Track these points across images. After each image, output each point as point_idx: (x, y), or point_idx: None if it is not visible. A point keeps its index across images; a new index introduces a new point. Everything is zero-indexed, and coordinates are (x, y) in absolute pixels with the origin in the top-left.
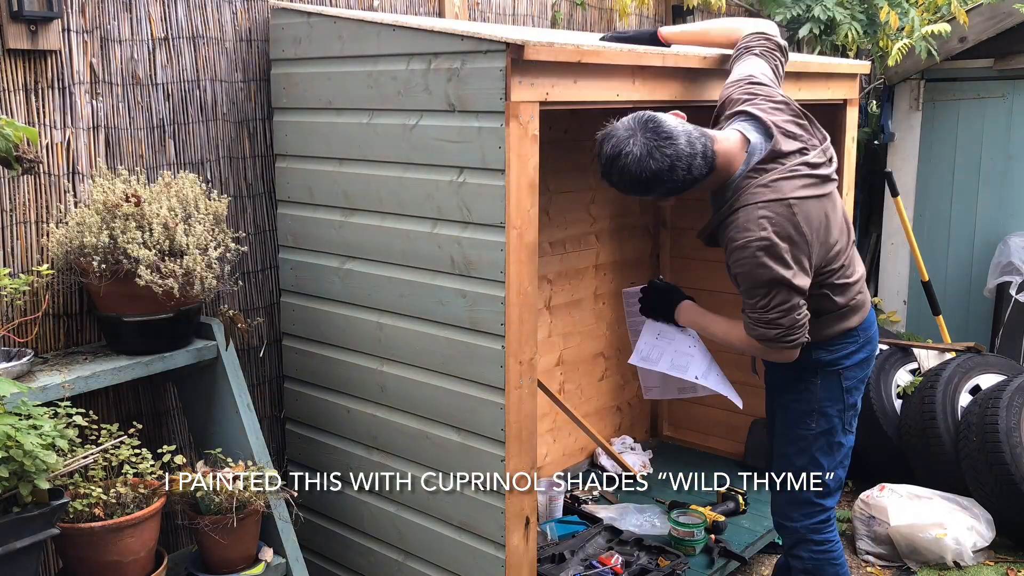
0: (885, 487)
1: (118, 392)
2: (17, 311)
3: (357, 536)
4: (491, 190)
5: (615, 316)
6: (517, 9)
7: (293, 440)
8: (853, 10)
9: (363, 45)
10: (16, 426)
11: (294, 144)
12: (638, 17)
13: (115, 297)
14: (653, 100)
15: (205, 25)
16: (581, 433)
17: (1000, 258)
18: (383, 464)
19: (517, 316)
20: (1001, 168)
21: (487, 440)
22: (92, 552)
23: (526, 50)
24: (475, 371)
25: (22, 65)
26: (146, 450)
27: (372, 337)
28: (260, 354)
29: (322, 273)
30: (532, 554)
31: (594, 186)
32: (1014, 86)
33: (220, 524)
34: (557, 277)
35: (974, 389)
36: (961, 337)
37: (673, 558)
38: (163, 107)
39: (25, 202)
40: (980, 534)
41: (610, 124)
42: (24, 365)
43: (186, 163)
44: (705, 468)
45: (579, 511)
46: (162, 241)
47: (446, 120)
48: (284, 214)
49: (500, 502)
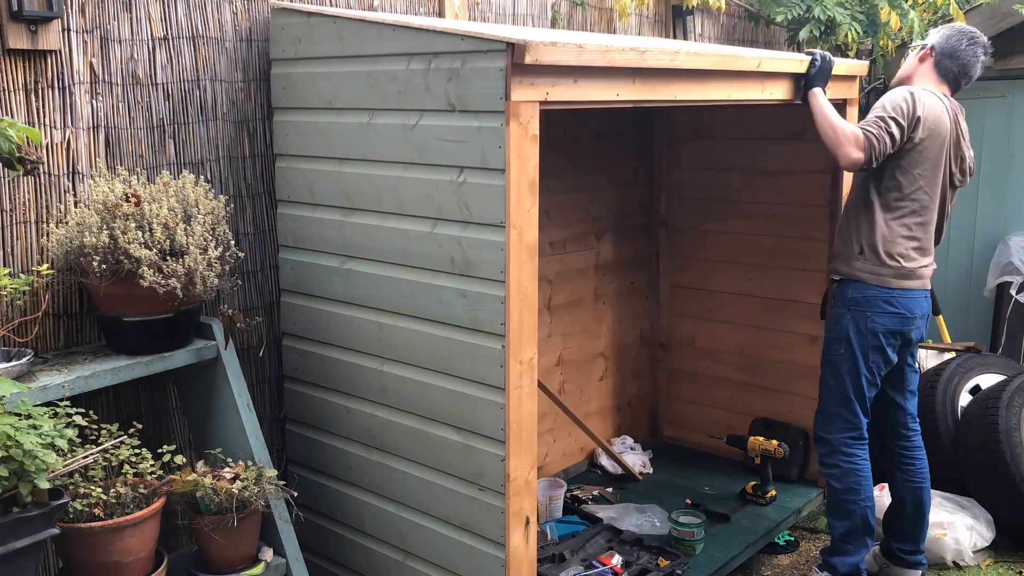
0: (885, 487)
1: (118, 392)
2: (17, 311)
3: (357, 536)
4: (491, 190)
5: (615, 316)
6: (517, 9)
7: (293, 440)
8: (853, 10)
9: (363, 45)
10: (16, 426)
11: (294, 144)
12: (638, 17)
13: (115, 297)
14: (653, 100)
15: (205, 25)
16: (581, 433)
17: (1000, 258)
18: (383, 464)
19: (517, 316)
20: (1001, 168)
21: (487, 440)
22: (92, 552)
23: (526, 50)
24: (475, 371)
25: (22, 65)
26: (146, 450)
27: (372, 337)
28: (260, 354)
29: (322, 273)
30: (532, 554)
31: (594, 186)
32: (1014, 86)
33: (220, 524)
34: (557, 277)
35: (974, 389)
36: (961, 337)
37: (673, 558)
38: (163, 107)
39: (25, 202)
40: (980, 534)
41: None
42: (24, 365)
43: (186, 163)
44: (705, 468)
45: (579, 511)
46: (163, 241)
47: (446, 120)
48: (284, 214)
49: (500, 502)
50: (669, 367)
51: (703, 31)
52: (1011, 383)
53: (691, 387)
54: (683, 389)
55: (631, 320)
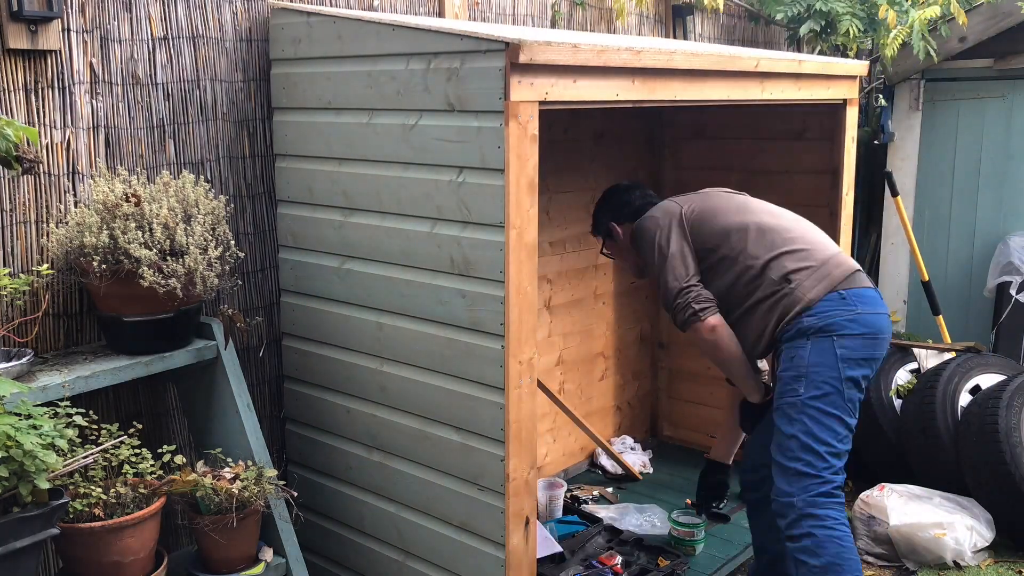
0: (885, 487)
1: (118, 392)
2: (17, 311)
3: (357, 536)
4: (490, 190)
5: (615, 316)
6: (517, 9)
7: (293, 440)
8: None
9: (363, 45)
10: (16, 426)
11: (294, 144)
12: (638, 17)
13: (115, 297)
14: (653, 100)
15: (205, 25)
16: (581, 433)
17: (1000, 258)
18: (383, 464)
19: (517, 316)
20: (1001, 168)
21: (487, 440)
22: (92, 552)
23: (525, 50)
24: (475, 371)
25: (22, 65)
26: (146, 450)
27: (372, 337)
28: (260, 354)
29: (322, 273)
30: (532, 554)
31: (594, 186)
32: (1014, 86)
33: (220, 524)
34: (557, 277)
35: (974, 389)
36: (961, 337)
37: (673, 558)
38: (163, 107)
39: (25, 202)
40: (980, 534)
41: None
42: (24, 365)
43: (186, 163)
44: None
45: (579, 511)
46: (163, 241)
47: (445, 120)
48: (284, 214)
49: (500, 502)
50: (669, 367)
51: (703, 31)
52: (1011, 383)
53: (691, 387)
54: (683, 389)
55: (631, 320)
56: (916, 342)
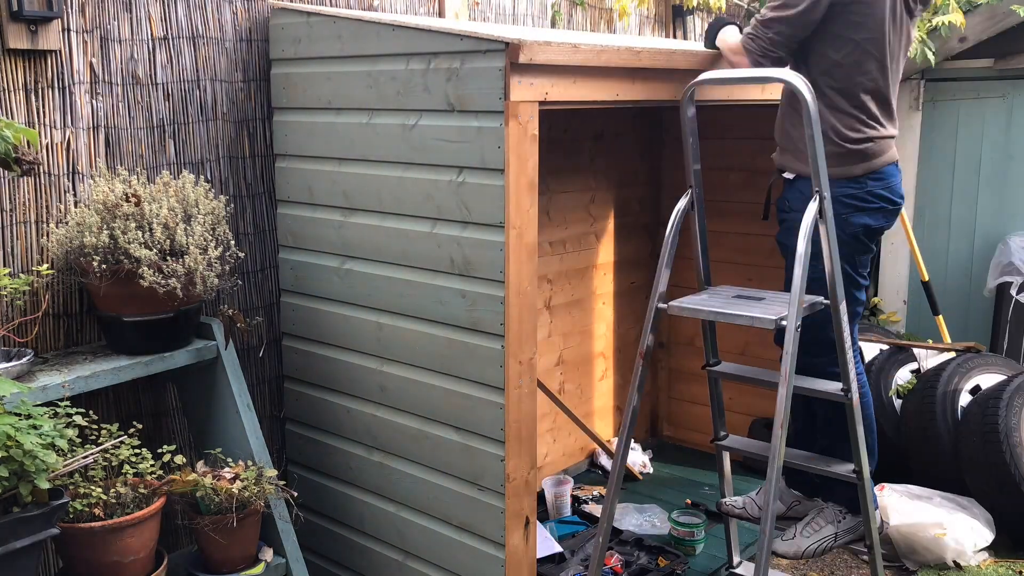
0: (885, 487)
1: (118, 392)
2: (17, 311)
3: (357, 536)
4: (490, 190)
5: (615, 316)
6: (517, 9)
7: (293, 440)
8: None
9: (362, 45)
10: (16, 426)
11: (294, 144)
12: (638, 17)
13: (115, 297)
14: (653, 99)
15: (205, 25)
16: (581, 433)
17: (1000, 258)
18: (383, 464)
19: (517, 316)
20: (1001, 168)
21: (487, 440)
22: (92, 552)
23: (525, 50)
24: (475, 371)
25: (22, 65)
26: (146, 450)
27: (372, 337)
28: (260, 354)
29: (322, 273)
30: (532, 554)
31: (594, 186)
32: (1014, 86)
33: (220, 524)
34: (557, 277)
35: (974, 389)
36: (961, 337)
37: (673, 558)
38: (163, 107)
39: (25, 202)
40: (980, 534)
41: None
42: (24, 365)
43: (186, 163)
44: (705, 468)
45: (579, 511)
46: (163, 241)
47: (445, 120)
48: (284, 214)
49: (500, 502)
50: (669, 367)
51: (703, 31)
52: (1011, 383)
53: (691, 387)
54: (683, 389)
55: (631, 320)
56: (916, 342)
